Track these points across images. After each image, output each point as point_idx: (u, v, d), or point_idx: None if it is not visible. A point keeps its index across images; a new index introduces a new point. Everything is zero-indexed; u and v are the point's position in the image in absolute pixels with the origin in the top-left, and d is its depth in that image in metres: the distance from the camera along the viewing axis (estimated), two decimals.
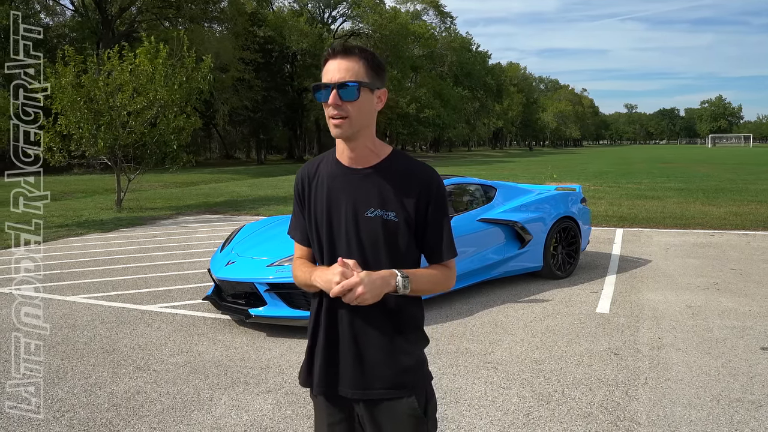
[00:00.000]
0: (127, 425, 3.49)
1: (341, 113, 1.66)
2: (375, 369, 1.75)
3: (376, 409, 1.77)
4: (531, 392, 3.88)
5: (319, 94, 1.70)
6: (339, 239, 1.75)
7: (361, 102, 1.67)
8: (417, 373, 1.81)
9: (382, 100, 1.75)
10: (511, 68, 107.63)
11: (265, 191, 20.12)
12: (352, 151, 1.75)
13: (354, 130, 1.69)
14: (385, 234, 1.72)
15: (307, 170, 1.85)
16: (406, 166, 1.77)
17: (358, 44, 1.72)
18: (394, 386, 1.76)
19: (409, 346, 1.80)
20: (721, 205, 13.77)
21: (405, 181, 1.74)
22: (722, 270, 7.34)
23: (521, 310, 5.72)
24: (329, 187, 1.77)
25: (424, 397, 1.81)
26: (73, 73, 12.95)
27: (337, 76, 1.65)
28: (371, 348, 1.75)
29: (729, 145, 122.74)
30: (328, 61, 1.69)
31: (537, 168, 32.56)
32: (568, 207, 7.23)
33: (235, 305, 5.23)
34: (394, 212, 1.72)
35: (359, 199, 1.74)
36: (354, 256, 1.71)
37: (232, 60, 38.37)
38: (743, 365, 4.28)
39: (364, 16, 52.70)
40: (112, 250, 9.09)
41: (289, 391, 3.94)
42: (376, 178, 1.74)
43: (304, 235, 1.87)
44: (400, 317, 1.77)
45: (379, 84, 1.72)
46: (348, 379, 1.77)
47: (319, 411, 1.88)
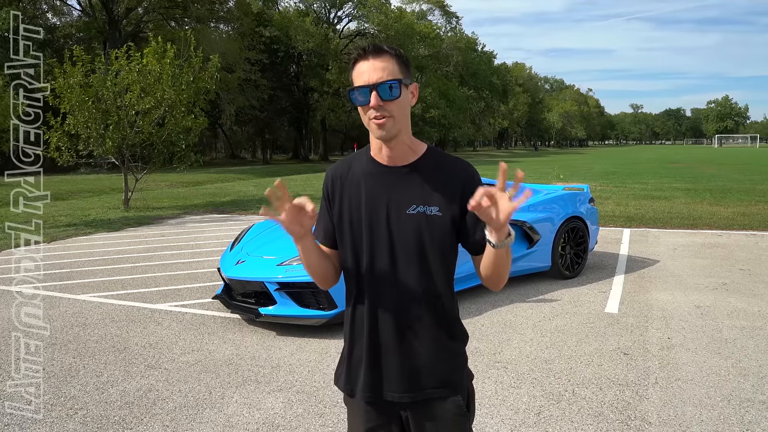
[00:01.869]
0: (140, 423, 3.51)
1: (384, 113, 1.63)
2: (423, 369, 1.72)
3: (425, 410, 1.75)
4: (541, 391, 3.89)
5: (354, 97, 1.65)
6: (379, 238, 1.72)
7: (402, 99, 1.65)
8: (463, 371, 1.80)
9: (415, 94, 1.73)
10: (516, 68, 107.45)
11: None
12: (391, 150, 1.71)
13: (398, 128, 1.67)
14: (429, 229, 1.69)
15: (339, 170, 1.81)
16: (445, 161, 1.75)
17: (385, 43, 1.70)
18: (443, 385, 1.73)
19: (455, 343, 1.78)
20: (729, 205, 13.73)
21: (445, 177, 1.72)
22: (731, 270, 7.32)
23: (530, 310, 5.73)
24: (367, 187, 1.74)
25: (467, 393, 1.80)
26: (81, 73, 13.02)
27: (375, 77, 1.61)
28: (418, 348, 1.72)
29: (735, 145, 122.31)
30: (358, 63, 1.66)
31: (543, 168, 32.49)
32: (577, 207, 7.23)
33: (245, 304, 5.25)
34: (437, 207, 1.69)
35: (400, 197, 1.71)
36: (398, 254, 1.70)
37: (238, 60, 38.47)
38: (753, 365, 4.27)
39: (369, 16, 52.70)
40: (121, 249, 9.13)
41: (300, 389, 3.96)
42: (416, 175, 1.72)
43: (327, 234, 1.83)
44: (445, 314, 1.74)
45: (409, 79, 1.70)
46: (395, 383, 1.73)
47: (356, 416, 1.82)
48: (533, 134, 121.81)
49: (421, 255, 1.70)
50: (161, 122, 13.89)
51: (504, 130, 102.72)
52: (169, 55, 13.65)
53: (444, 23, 66.27)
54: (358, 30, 55.52)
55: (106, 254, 8.77)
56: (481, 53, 75.48)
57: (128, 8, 37.47)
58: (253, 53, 41.52)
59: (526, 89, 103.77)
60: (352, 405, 1.84)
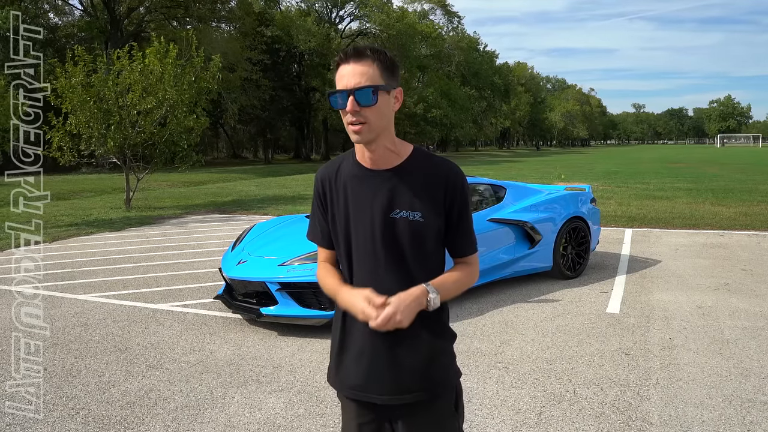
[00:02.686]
0: (142, 423, 3.52)
1: (360, 119, 1.62)
2: (410, 374, 1.72)
3: (411, 412, 1.75)
4: (542, 392, 3.89)
5: (334, 101, 1.65)
6: (365, 242, 1.72)
7: (379, 106, 1.63)
8: (449, 370, 1.79)
9: (399, 99, 1.70)
10: (518, 68, 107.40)
11: (272, 191, 20.18)
12: (372, 153, 1.71)
13: (374, 134, 1.66)
14: (411, 235, 1.69)
15: (328, 172, 1.81)
16: (429, 164, 1.74)
17: (370, 45, 1.68)
18: (430, 388, 1.74)
19: (441, 342, 1.78)
20: (731, 205, 13.71)
21: (428, 181, 1.71)
22: (732, 270, 7.31)
23: (531, 310, 5.73)
24: (352, 190, 1.74)
25: (455, 393, 1.81)
26: (83, 73, 13.04)
27: (353, 82, 1.60)
28: (404, 352, 1.72)
29: (738, 145, 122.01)
30: (340, 66, 1.64)
31: (545, 168, 32.48)
32: (578, 207, 7.22)
33: (246, 304, 5.25)
34: (419, 212, 1.69)
35: (383, 201, 1.70)
36: (379, 258, 1.70)
37: (240, 60, 38.49)
38: (755, 366, 4.27)
39: (371, 15, 52.68)
40: (123, 249, 9.14)
41: (301, 389, 3.97)
42: (399, 179, 1.71)
43: (326, 237, 1.84)
44: (431, 317, 1.73)
45: (394, 84, 1.67)
46: (382, 386, 1.73)
47: (348, 411, 1.85)
48: (535, 134, 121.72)
49: (403, 259, 1.71)
50: (163, 122, 13.90)
51: (506, 129, 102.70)
52: (171, 54, 13.66)
53: (446, 23, 66.27)
54: (360, 29, 55.51)
55: (107, 254, 8.78)
56: (483, 53, 75.48)
57: (130, 8, 37.51)
58: (254, 53, 41.53)
59: (528, 89, 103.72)
60: (343, 400, 1.86)
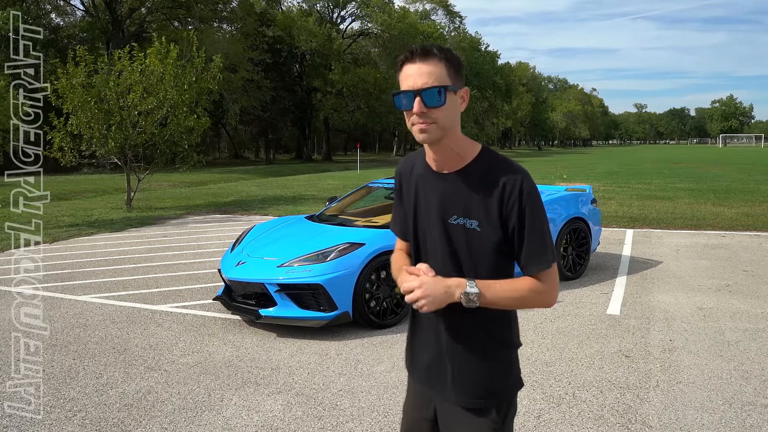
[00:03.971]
0: (139, 425, 3.50)
1: (427, 120, 1.58)
2: (463, 380, 1.71)
3: (456, 414, 1.74)
4: (542, 394, 3.87)
5: (399, 101, 1.60)
6: (425, 242, 1.73)
7: (447, 106, 1.58)
8: (505, 380, 1.74)
9: (465, 99, 1.65)
10: (520, 68, 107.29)
11: (274, 191, 20.17)
12: (436, 154, 1.67)
13: (441, 134, 1.61)
14: (467, 244, 1.65)
15: (404, 168, 1.82)
16: (492, 169, 1.64)
17: (436, 44, 1.63)
18: (481, 397, 1.71)
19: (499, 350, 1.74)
20: (733, 205, 13.67)
21: (489, 187, 1.62)
22: (734, 271, 7.28)
23: (531, 312, 5.70)
24: (420, 190, 1.73)
25: (506, 404, 1.75)
26: (84, 73, 13.05)
27: (420, 82, 1.55)
28: (456, 355, 1.71)
29: (740, 145, 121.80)
30: (405, 65, 1.59)
31: (546, 168, 32.44)
32: (579, 208, 7.20)
33: (245, 305, 5.24)
34: (476, 221, 1.63)
35: (444, 205, 1.67)
36: (437, 261, 1.67)
37: (242, 60, 38.50)
38: (756, 368, 4.24)
39: (372, 15, 52.66)
40: (123, 250, 9.14)
41: (299, 392, 3.95)
42: (460, 184, 1.66)
43: (402, 228, 1.85)
44: (489, 322, 1.69)
45: (460, 83, 1.62)
46: (437, 382, 1.76)
47: (409, 388, 1.95)
48: (537, 134, 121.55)
49: (459, 266, 1.67)
50: (164, 122, 13.90)
51: (507, 129, 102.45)
52: (172, 55, 13.67)
53: (447, 23, 66.30)
54: (362, 30, 55.50)
55: (108, 255, 8.78)
56: (485, 53, 75.33)
57: (131, 8, 37.55)
58: (256, 53, 41.55)
59: (529, 89, 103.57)
60: (409, 379, 1.95)
